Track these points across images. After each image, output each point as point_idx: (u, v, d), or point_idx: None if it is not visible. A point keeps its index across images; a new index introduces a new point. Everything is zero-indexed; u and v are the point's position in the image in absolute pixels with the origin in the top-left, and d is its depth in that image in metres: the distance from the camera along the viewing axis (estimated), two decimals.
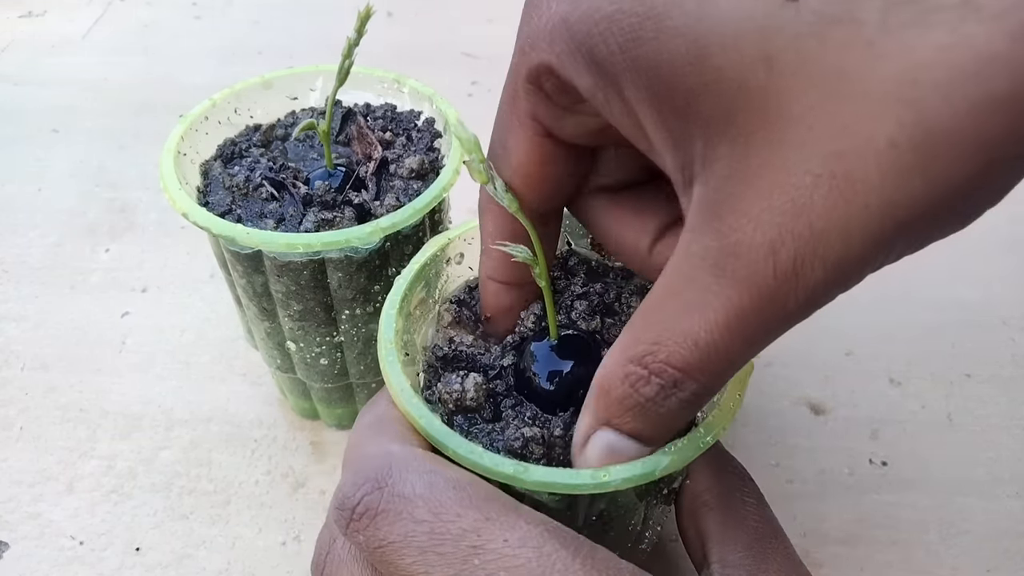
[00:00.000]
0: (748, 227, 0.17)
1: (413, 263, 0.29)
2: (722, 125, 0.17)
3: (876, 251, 0.16)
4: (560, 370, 0.26)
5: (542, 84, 0.21)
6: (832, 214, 0.16)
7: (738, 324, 0.18)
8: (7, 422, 0.42)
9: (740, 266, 0.17)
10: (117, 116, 0.63)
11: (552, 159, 0.23)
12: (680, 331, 0.19)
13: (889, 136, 0.15)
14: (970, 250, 0.51)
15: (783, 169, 0.16)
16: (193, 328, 0.47)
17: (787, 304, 0.17)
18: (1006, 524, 0.38)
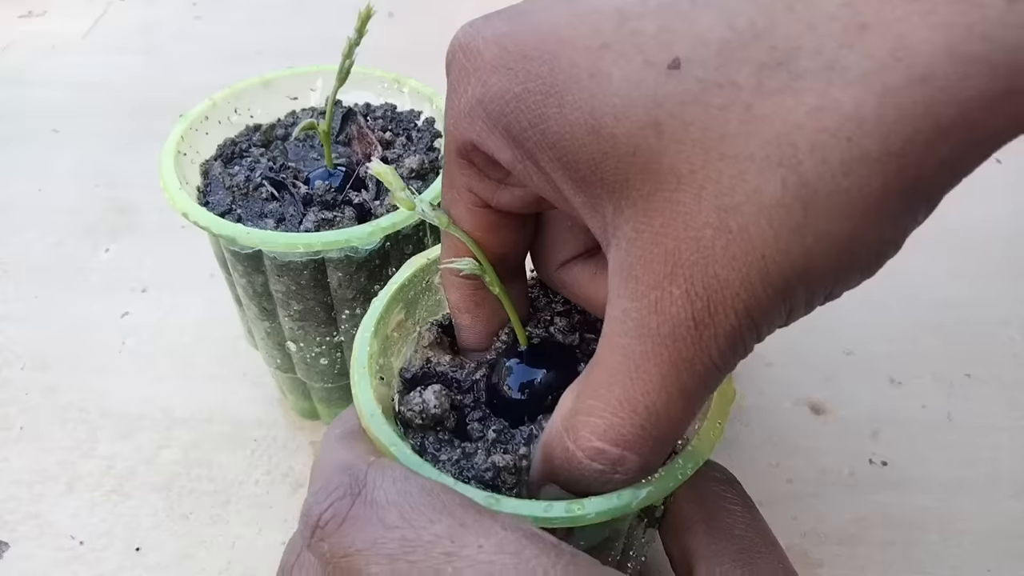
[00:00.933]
0: (664, 283, 0.17)
1: (390, 284, 0.28)
2: (624, 189, 0.18)
3: (779, 300, 0.17)
4: (532, 378, 0.25)
5: (472, 159, 0.22)
6: (733, 264, 0.16)
7: (673, 379, 0.18)
8: (7, 422, 0.42)
9: (663, 321, 0.18)
10: (117, 116, 0.63)
11: (496, 226, 0.24)
12: (615, 400, 0.19)
13: (775, 196, 0.16)
14: (970, 250, 0.51)
15: (684, 225, 0.17)
16: (193, 328, 0.47)
17: (711, 354, 0.18)
18: (1006, 524, 0.38)
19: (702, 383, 0.19)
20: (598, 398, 0.19)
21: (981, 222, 0.53)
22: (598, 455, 0.20)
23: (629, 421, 0.19)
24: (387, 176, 0.23)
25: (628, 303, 0.18)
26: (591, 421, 0.20)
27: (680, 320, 0.17)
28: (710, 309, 0.17)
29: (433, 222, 0.24)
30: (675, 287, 0.17)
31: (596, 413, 0.19)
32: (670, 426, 0.19)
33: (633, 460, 0.20)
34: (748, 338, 0.18)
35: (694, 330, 0.17)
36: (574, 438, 0.20)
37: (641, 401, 0.19)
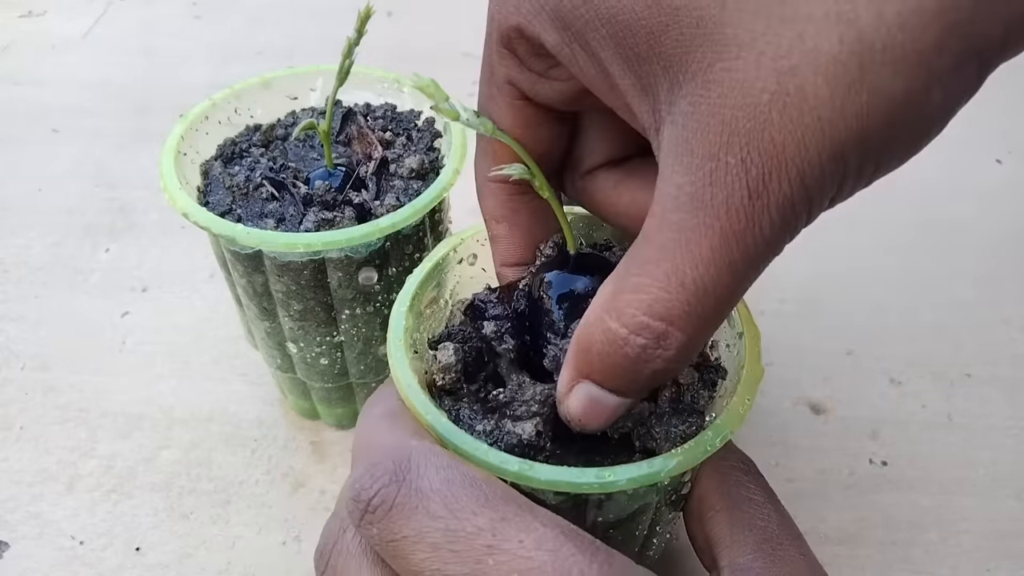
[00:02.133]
0: (720, 153, 0.17)
1: (426, 262, 0.29)
2: (683, 62, 0.18)
3: (832, 165, 0.17)
4: (573, 288, 0.25)
5: (514, 48, 0.22)
6: (789, 127, 0.16)
7: (723, 253, 0.18)
8: (7, 422, 0.42)
9: (717, 192, 0.17)
10: (117, 116, 0.63)
11: (534, 122, 0.24)
12: (663, 274, 0.19)
13: (832, 53, 0.16)
14: (970, 250, 0.51)
15: (742, 92, 0.17)
16: (193, 328, 0.47)
17: (763, 224, 0.17)
18: (1006, 524, 0.38)
19: (752, 260, 0.18)
20: (645, 274, 0.19)
21: (981, 222, 0.53)
22: (642, 329, 0.19)
23: (676, 296, 0.19)
24: (429, 88, 0.23)
25: (682, 177, 0.18)
26: (636, 297, 0.19)
27: (734, 190, 0.17)
28: (764, 177, 0.17)
29: (478, 129, 0.23)
30: (730, 156, 0.17)
31: (642, 289, 0.19)
32: (717, 304, 0.19)
33: (677, 337, 0.19)
34: (800, 210, 0.18)
35: (748, 200, 0.17)
36: (617, 315, 0.20)
37: (690, 275, 0.18)
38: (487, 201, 0.26)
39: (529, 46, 0.21)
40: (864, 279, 0.49)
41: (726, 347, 0.28)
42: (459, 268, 0.31)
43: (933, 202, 0.54)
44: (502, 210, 0.26)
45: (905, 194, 0.53)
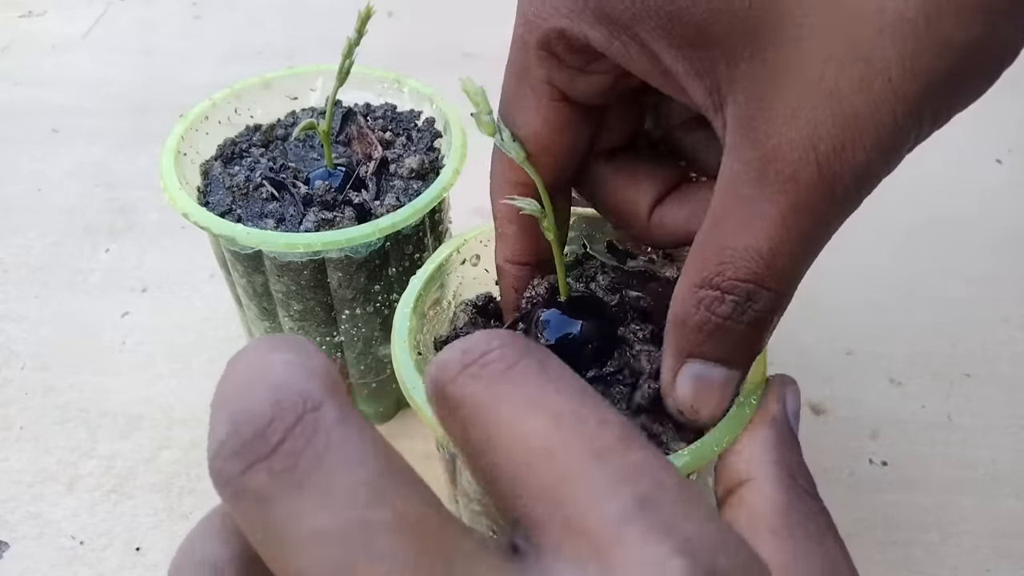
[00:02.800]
0: (784, 128, 0.18)
1: (429, 263, 0.29)
2: (740, 43, 0.18)
3: (907, 121, 0.17)
4: (569, 332, 0.25)
5: (554, 48, 0.22)
6: (859, 95, 0.16)
7: (794, 223, 0.19)
8: (7, 422, 0.42)
9: (783, 167, 0.18)
10: (117, 116, 0.63)
11: (568, 124, 0.24)
12: (741, 247, 0.20)
13: (897, 11, 0.16)
14: (970, 250, 0.51)
15: (806, 66, 0.17)
16: (193, 328, 0.47)
17: (835, 192, 0.18)
18: (1006, 524, 0.38)
19: (825, 222, 0.19)
20: (725, 250, 0.20)
21: (981, 222, 0.53)
22: (733, 288, 0.20)
23: (756, 263, 0.19)
24: (477, 96, 0.23)
25: (750, 153, 0.19)
26: (721, 267, 0.20)
27: (802, 165, 0.18)
28: (835, 147, 0.17)
29: (510, 153, 0.24)
30: (795, 132, 0.17)
31: (725, 260, 0.20)
32: (796, 264, 0.20)
33: (764, 293, 0.20)
34: (877, 169, 0.18)
35: (816, 174, 0.18)
36: (708, 283, 0.20)
37: (766, 246, 0.19)
38: (502, 204, 0.26)
39: (568, 45, 0.21)
40: (864, 279, 0.49)
41: None
42: (462, 269, 0.31)
43: (933, 202, 0.54)
44: (514, 213, 0.26)
45: (905, 194, 0.53)
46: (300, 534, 0.12)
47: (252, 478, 0.12)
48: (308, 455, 0.12)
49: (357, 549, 0.12)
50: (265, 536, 0.12)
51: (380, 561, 0.11)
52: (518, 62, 0.23)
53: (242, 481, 0.12)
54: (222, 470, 0.12)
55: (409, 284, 0.28)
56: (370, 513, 0.12)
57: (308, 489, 0.12)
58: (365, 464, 0.12)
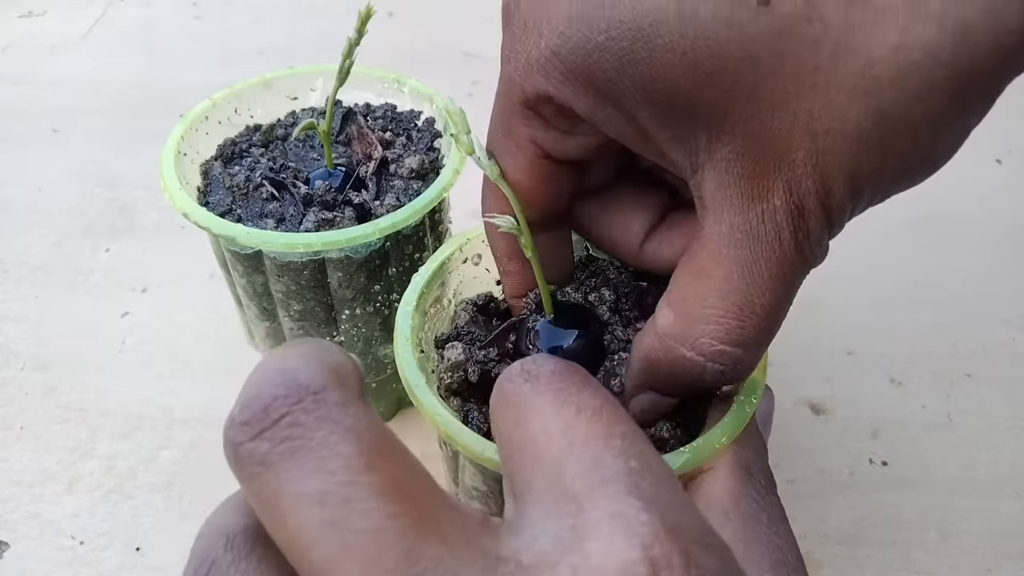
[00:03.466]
0: (767, 195, 0.20)
1: (431, 261, 0.29)
2: (721, 117, 0.19)
3: (851, 200, 0.20)
4: (559, 344, 0.26)
5: (540, 111, 0.22)
6: (820, 178, 0.19)
7: (780, 278, 0.20)
8: (7, 422, 0.42)
9: (768, 228, 0.20)
10: (117, 116, 0.63)
11: (552, 176, 0.24)
12: (734, 305, 0.21)
13: (857, 122, 0.18)
14: (970, 250, 0.51)
15: (779, 147, 0.19)
16: (193, 328, 0.47)
17: (806, 249, 0.20)
18: (1006, 524, 0.38)
19: (799, 277, 0.21)
20: (715, 307, 0.21)
21: (981, 222, 0.53)
22: (719, 356, 0.21)
23: (749, 323, 0.21)
24: (455, 117, 0.24)
25: (734, 217, 0.20)
26: (712, 328, 0.21)
27: (783, 225, 0.20)
28: (804, 215, 0.20)
29: (486, 171, 0.24)
30: (776, 198, 0.20)
31: (715, 320, 0.21)
32: (778, 320, 0.21)
33: (749, 356, 0.21)
34: (832, 232, 0.21)
35: (794, 232, 0.20)
36: (692, 345, 0.21)
37: (758, 302, 0.21)
38: (499, 242, 0.27)
39: (555, 108, 0.22)
40: (864, 279, 0.49)
41: None
42: (463, 268, 0.31)
43: (933, 201, 0.54)
44: (513, 249, 0.27)
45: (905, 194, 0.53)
46: (293, 495, 0.13)
47: (255, 446, 0.13)
48: (307, 427, 0.13)
49: (343, 508, 0.12)
50: (263, 500, 0.13)
51: (366, 517, 0.12)
52: (503, 117, 0.24)
53: (246, 448, 0.14)
54: (231, 439, 0.14)
55: (411, 282, 0.28)
56: (361, 478, 0.13)
57: (304, 456, 0.13)
58: (362, 439, 0.13)
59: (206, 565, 0.14)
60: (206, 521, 0.15)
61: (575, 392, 0.16)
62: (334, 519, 0.12)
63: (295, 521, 0.13)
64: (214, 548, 0.14)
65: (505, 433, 0.16)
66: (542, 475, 0.15)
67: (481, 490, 0.28)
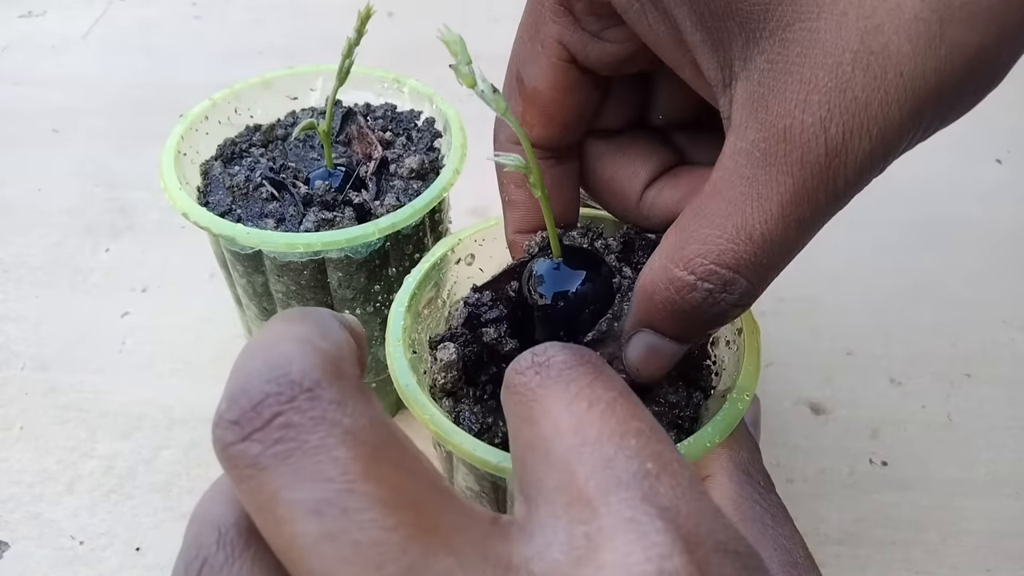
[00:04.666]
0: (796, 111, 0.18)
1: (423, 262, 0.29)
2: (761, 20, 0.18)
3: (911, 120, 0.17)
4: (567, 289, 0.24)
5: (572, 7, 0.22)
6: (872, 85, 0.17)
7: (793, 209, 0.18)
8: (7, 422, 0.42)
9: (792, 149, 0.18)
10: (117, 116, 0.63)
11: (575, 86, 0.23)
12: (732, 227, 0.19)
13: (914, 10, 0.16)
14: (970, 250, 0.51)
15: (824, 52, 0.17)
16: (193, 328, 0.47)
17: (837, 181, 0.18)
18: (1006, 524, 0.38)
19: (819, 215, 0.19)
20: (714, 227, 0.20)
21: (981, 222, 0.53)
22: (710, 276, 0.20)
23: (744, 248, 0.19)
24: (455, 45, 0.22)
25: (756, 133, 0.18)
26: (705, 248, 0.20)
27: (810, 147, 0.18)
28: (845, 133, 0.17)
29: (490, 105, 0.22)
30: (807, 115, 0.18)
31: (711, 241, 0.20)
32: (782, 254, 0.19)
33: (742, 284, 0.20)
34: (876, 163, 0.18)
35: (824, 157, 0.18)
36: (684, 264, 0.20)
37: (758, 229, 0.19)
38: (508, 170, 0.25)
39: (588, 5, 0.21)
40: (864, 279, 0.49)
41: (726, 344, 0.28)
42: (457, 268, 0.31)
43: (933, 202, 0.54)
44: (522, 177, 0.25)
45: (905, 194, 0.53)
46: (288, 503, 0.12)
47: (246, 447, 0.12)
48: (302, 428, 0.12)
49: (341, 518, 0.12)
50: (257, 505, 0.12)
51: (364, 529, 0.12)
52: (533, 16, 0.23)
53: (237, 449, 0.12)
54: (220, 438, 0.13)
55: (403, 283, 0.28)
56: (359, 485, 0.12)
57: (299, 460, 0.12)
58: (360, 441, 0.12)
59: (197, 564, 0.13)
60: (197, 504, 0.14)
61: (587, 384, 0.15)
62: (332, 530, 0.12)
63: (291, 529, 0.12)
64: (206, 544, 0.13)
65: (515, 428, 0.16)
66: (553, 475, 0.14)
67: (474, 490, 0.28)
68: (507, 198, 0.26)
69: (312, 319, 0.15)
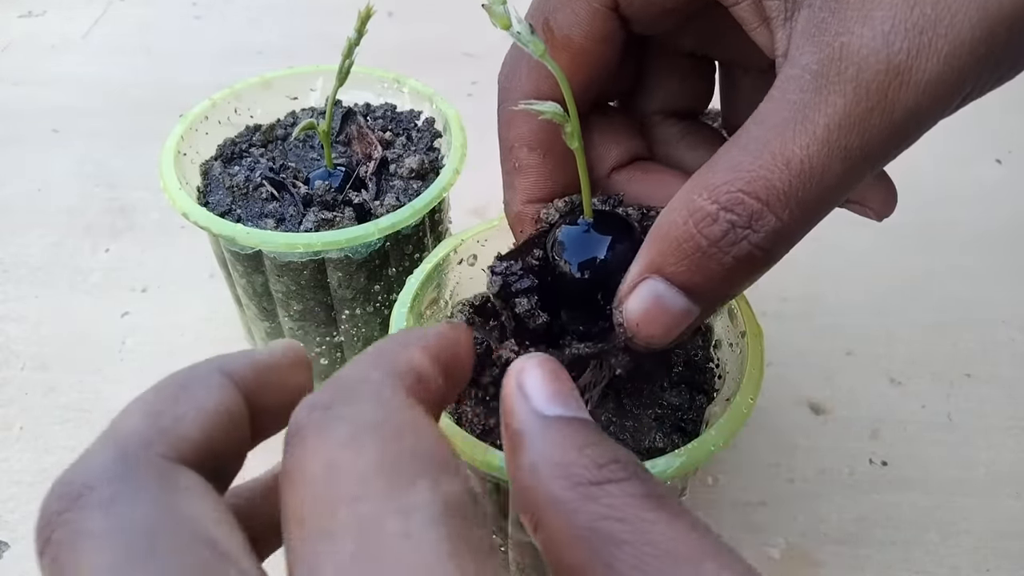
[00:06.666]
0: (855, 26, 0.16)
1: (426, 262, 0.29)
2: None
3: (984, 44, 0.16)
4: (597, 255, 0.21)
5: None
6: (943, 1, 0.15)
7: (840, 135, 0.16)
8: (7, 422, 0.42)
9: (847, 66, 0.16)
10: (117, 116, 0.63)
11: (610, 38, 0.22)
12: (769, 153, 0.17)
13: None
14: (970, 250, 0.51)
15: None
16: (193, 328, 0.47)
17: (895, 106, 0.16)
18: (1006, 524, 0.38)
19: (869, 148, 0.16)
20: (748, 153, 0.17)
21: (981, 222, 0.53)
22: (735, 205, 0.17)
23: (779, 175, 0.17)
24: None
25: (810, 56, 0.17)
26: (733, 175, 0.17)
27: (868, 64, 0.16)
28: (909, 52, 0.16)
29: (527, 47, 0.20)
30: (867, 29, 0.16)
31: (741, 166, 0.17)
32: (820, 193, 0.17)
33: (770, 221, 0.17)
34: (942, 94, 0.16)
35: (883, 75, 0.16)
36: (710, 191, 0.18)
37: (798, 154, 0.17)
38: (520, 127, 0.23)
39: None
40: (864, 279, 0.49)
41: (729, 346, 0.28)
42: (459, 269, 0.31)
43: (933, 202, 0.54)
44: (538, 136, 0.23)
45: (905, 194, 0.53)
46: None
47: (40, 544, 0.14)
48: (61, 546, 0.13)
49: None
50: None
51: None
52: None
53: (40, 536, 0.14)
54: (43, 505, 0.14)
55: (406, 283, 0.28)
56: None
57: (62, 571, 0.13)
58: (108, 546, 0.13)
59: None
60: None
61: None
62: None
63: None
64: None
65: None
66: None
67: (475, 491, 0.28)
68: (516, 164, 0.24)
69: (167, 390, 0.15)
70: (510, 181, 0.24)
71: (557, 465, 0.15)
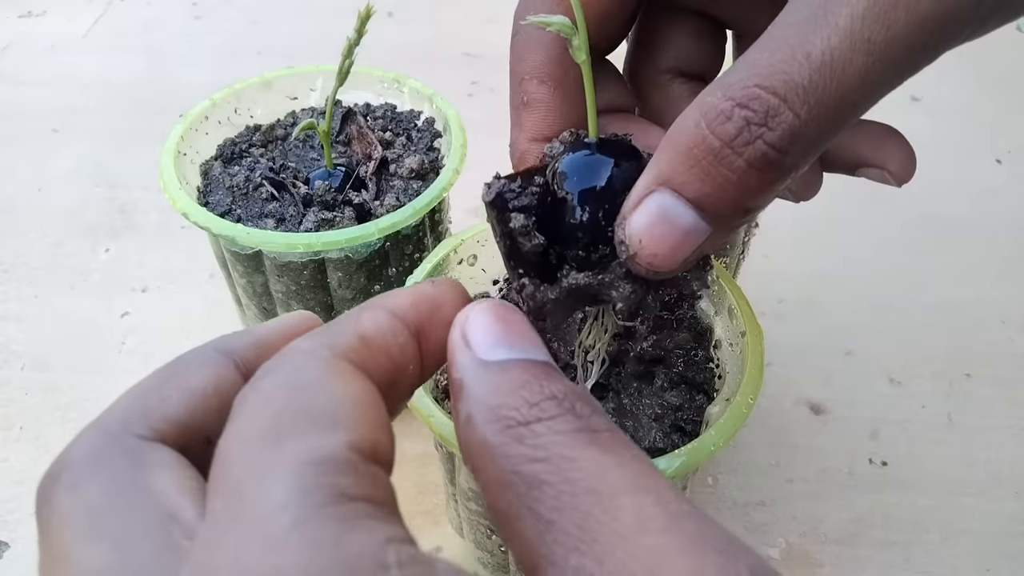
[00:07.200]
0: None
1: (426, 262, 0.29)
2: None
3: None
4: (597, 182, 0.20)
5: None
6: None
7: (864, 26, 0.15)
8: (7, 422, 0.42)
9: None
10: (117, 116, 0.63)
11: None
12: (788, 47, 0.16)
13: None
14: (970, 250, 0.51)
15: None
16: (193, 328, 0.47)
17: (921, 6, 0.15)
18: (1006, 524, 0.38)
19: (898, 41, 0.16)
20: (766, 50, 0.16)
21: (981, 222, 0.53)
22: (751, 100, 0.16)
23: (799, 69, 0.16)
24: None
25: None
26: (751, 72, 0.16)
27: None
28: None
29: None
30: None
31: (760, 64, 0.16)
32: (840, 92, 0.16)
33: (787, 118, 0.16)
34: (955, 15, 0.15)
35: None
36: (724, 89, 0.17)
37: (819, 46, 0.16)
38: (530, 56, 0.22)
39: None
40: (864, 279, 0.49)
41: (729, 346, 0.28)
42: (459, 269, 0.31)
43: (933, 202, 0.54)
44: (548, 68, 0.22)
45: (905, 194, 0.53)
46: None
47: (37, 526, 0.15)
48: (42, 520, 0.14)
49: None
50: None
51: None
52: None
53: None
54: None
55: (406, 284, 0.28)
56: None
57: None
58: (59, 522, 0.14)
59: None
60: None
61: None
62: None
63: None
64: None
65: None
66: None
67: (475, 490, 0.28)
68: (524, 98, 0.22)
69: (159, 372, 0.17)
70: (517, 117, 0.23)
71: (490, 409, 0.15)
